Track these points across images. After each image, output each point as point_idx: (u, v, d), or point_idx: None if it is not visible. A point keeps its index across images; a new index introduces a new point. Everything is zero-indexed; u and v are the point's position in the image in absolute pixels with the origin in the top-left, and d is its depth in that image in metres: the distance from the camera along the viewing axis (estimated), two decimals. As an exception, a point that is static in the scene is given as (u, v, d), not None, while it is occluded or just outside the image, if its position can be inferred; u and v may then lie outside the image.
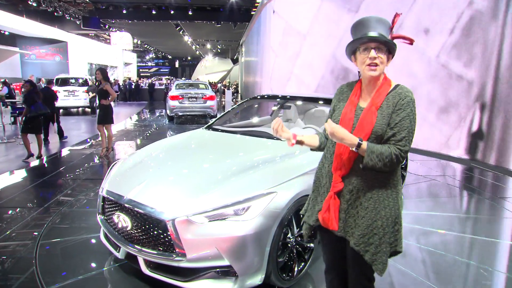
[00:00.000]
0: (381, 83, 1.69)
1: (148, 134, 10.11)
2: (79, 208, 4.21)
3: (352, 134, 1.60)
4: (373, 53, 1.60)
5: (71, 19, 21.27)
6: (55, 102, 8.64)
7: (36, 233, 3.49)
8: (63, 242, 3.35)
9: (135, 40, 32.96)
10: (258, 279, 2.32)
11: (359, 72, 1.74)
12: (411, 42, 1.72)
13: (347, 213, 1.68)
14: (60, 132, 8.85)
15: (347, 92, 1.81)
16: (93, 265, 2.95)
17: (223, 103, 18.81)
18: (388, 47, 1.63)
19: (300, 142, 1.83)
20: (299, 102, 4.43)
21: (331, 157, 1.76)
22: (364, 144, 1.56)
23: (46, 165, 6.39)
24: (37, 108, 6.61)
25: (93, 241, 3.38)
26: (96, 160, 6.77)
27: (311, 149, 1.93)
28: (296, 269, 2.64)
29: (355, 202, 1.67)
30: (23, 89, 6.89)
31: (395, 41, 1.65)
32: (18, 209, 4.15)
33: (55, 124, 8.86)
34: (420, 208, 4.42)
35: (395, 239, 1.67)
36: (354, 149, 1.58)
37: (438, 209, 4.42)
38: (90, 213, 4.03)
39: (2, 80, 14.76)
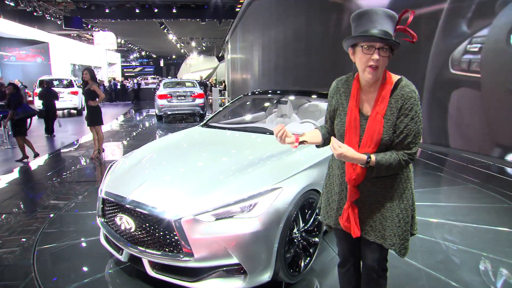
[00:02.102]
0: (382, 84, 1.59)
1: (135, 135, 9.97)
2: (73, 212, 4.11)
3: (360, 145, 1.60)
4: (376, 55, 1.50)
5: (52, 19, 20.77)
6: (55, 101, 9.87)
7: (30, 239, 3.39)
8: (60, 246, 3.26)
9: (119, 40, 32.44)
10: (267, 276, 2.30)
11: (354, 65, 1.63)
12: (414, 38, 1.59)
13: (371, 218, 1.69)
14: (51, 129, 9.62)
15: (345, 94, 1.72)
16: (94, 268, 2.88)
17: (210, 101, 18.65)
18: (391, 46, 1.53)
19: (303, 143, 1.80)
20: (293, 97, 4.41)
21: (342, 165, 1.74)
22: (373, 159, 1.55)
23: (35, 169, 6.24)
24: (24, 110, 6.54)
25: (91, 244, 3.30)
26: (83, 162, 6.64)
27: (316, 146, 1.91)
28: (302, 264, 2.63)
29: (377, 207, 1.68)
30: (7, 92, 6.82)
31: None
32: (10, 215, 4.03)
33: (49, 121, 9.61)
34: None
35: (412, 223, 1.73)
36: (363, 165, 1.57)
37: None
38: (84, 216, 3.94)
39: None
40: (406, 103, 1.54)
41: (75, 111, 14.97)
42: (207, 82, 26.37)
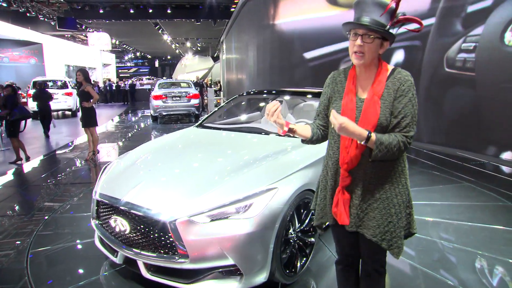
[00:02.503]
0: (378, 70, 1.63)
1: (130, 136, 9.93)
2: (68, 214, 4.08)
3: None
4: (359, 41, 1.55)
5: (45, 20, 20.59)
6: (50, 102, 10.07)
7: (24, 242, 3.36)
8: (55, 249, 3.23)
9: (113, 41, 32.28)
10: (263, 276, 2.29)
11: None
12: (419, 26, 1.59)
13: (359, 208, 1.66)
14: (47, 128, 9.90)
15: (341, 82, 1.74)
16: (89, 271, 2.85)
17: (205, 101, 18.61)
18: (381, 34, 1.56)
19: (292, 131, 1.75)
20: (288, 97, 4.40)
21: (334, 154, 1.71)
22: (373, 136, 1.51)
23: (30, 171, 6.19)
24: (21, 111, 6.58)
25: (85, 247, 3.28)
26: (78, 163, 6.60)
27: (302, 141, 1.84)
28: (298, 264, 2.62)
29: (366, 196, 1.64)
30: (3, 93, 6.85)
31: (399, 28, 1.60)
32: (4, 218, 3.99)
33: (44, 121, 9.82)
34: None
35: (408, 222, 1.70)
36: (363, 142, 1.52)
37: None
38: (78, 219, 3.92)
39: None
40: (403, 85, 1.58)
41: (69, 113, 14.88)
42: (203, 83, 26.25)
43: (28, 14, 19.00)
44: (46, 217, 3.94)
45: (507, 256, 3.04)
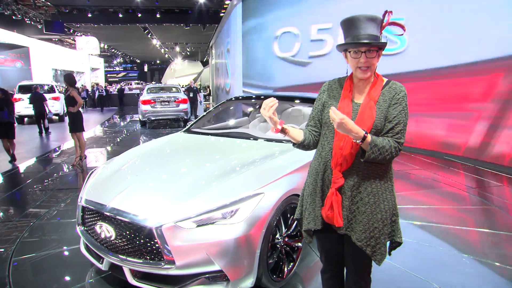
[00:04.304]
0: (374, 80, 1.70)
1: (118, 140, 9.84)
2: (54, 220, 4.02)
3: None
4: (363, 58, 1.62)
5: (32, 23, 20.31)
6: (45, 103, 10.79)
7: (8, 249, 3.30)
8: (38, 257, 3.17)
9: (102, 45, 32.03)
10: (250, 282, 2.29)
11: (348, 69, 1.74)
12: (403, 29, 1.71)
13: (349, 209, 1.68)
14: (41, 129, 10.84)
15: (337, 89, 1.79)
16: (75, 278, 2.82)
17: (202, 106, 18.50)
18: (378, 46, 1.63)
19: (284, 131, 1.75)
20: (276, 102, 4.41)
21: (326, 155, 1.73)
22: (369, 138, 1.55)
23: (15, 176, 6.08)
24: (6, 116, 6.72)
25: (71, 253, 3.23)
26: (65, 169, 6.51)
27: (293, 144, 1.85)
28: (285, 269, 2.63)
29: (355, 198, 1.67)
30: None
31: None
32: (-13, 225, 3.91)
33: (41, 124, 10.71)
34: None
35: (393, 229, 1.72)
36: (359, 141, 1.55)
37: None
38: (65, 225, 3.86)
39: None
40: (398, 94, 1.66)
41: (56, 117, 14.67)
42: (197, 88, 26.09)
43: (14, 17, 18.73)
44: (32, 223, 3.88)
45: (491, 259, 3.09)
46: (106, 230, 2.39)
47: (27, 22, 19.89)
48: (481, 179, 5.63)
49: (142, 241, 2.26)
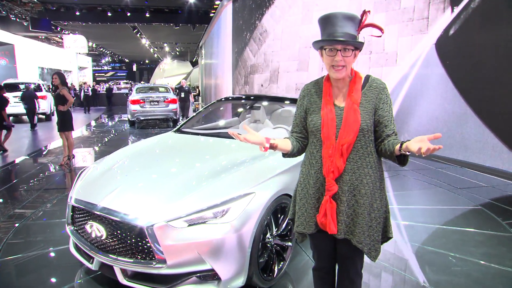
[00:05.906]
0: (353, 79, 1.69)
1: (107, 140, 9.75)
2: (40, 220, 3.96)
3: (338, 135, 1.62)
4: (338, 56, 1.60)
5: (17, 20, 19.92)
6: (36, 100, 11.61)
7: (-5, 249, 3.25)
8: (26, 257, 3.13)
9: (90, 43, 31.65)
10: (241, 281, 2.30)
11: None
12: (381, 31, 1.66)
13: (346, 214, 1.68)
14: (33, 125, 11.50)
15: (316, 93, 1.77)
16: (63, 279, 2.79)
17: (193, 107, 18.39)
18: (355, 45, 1.62)
19: (273, 147, 1.75)
20: (266, 103, 4.45)
21: (317, 163, 1.73)
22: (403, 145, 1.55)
23: (0, 176, 5.99)
24: None
25: (59, 254, 3.20)
26: (52, 169, 6.43)
27: (283, 155, 1.86)
28: (276, 268, 2.65)
29: (351, 202, 1.68)
30: None
31: (362, 32, 1.65)
32: (-28, 225, 3.84)
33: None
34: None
35: (385, 225, 1.76)
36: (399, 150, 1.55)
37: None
38: (51, 225, 3.82)
39: None
40: (382, 93, 1.67)
41: (43, 116, 14.44)
42: (190, 89, 25.84)
43: (-2, 14, 18.37)
44: (17, 225, 3.82)
45: (477, 258, 3.16)
46: (96, 230, 2.38)
47: (12, 18, 19.49)
48: (468, 179, 5.74)
49: (133, 240, 2.25)
